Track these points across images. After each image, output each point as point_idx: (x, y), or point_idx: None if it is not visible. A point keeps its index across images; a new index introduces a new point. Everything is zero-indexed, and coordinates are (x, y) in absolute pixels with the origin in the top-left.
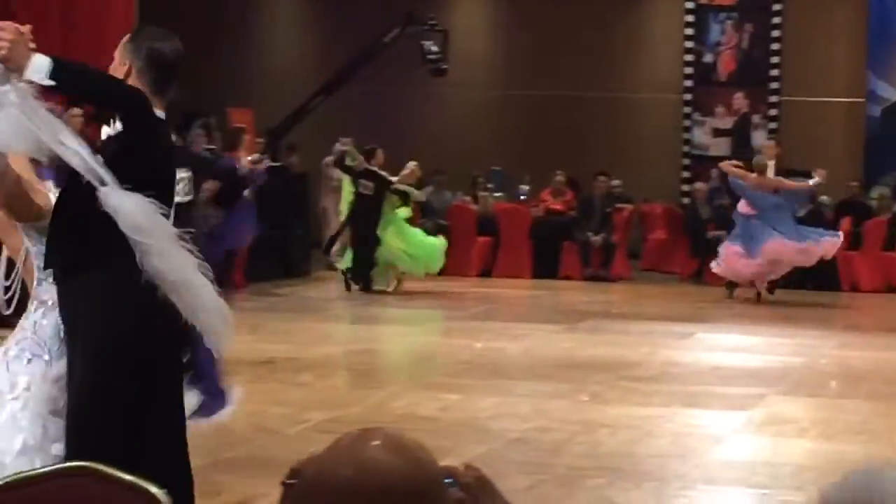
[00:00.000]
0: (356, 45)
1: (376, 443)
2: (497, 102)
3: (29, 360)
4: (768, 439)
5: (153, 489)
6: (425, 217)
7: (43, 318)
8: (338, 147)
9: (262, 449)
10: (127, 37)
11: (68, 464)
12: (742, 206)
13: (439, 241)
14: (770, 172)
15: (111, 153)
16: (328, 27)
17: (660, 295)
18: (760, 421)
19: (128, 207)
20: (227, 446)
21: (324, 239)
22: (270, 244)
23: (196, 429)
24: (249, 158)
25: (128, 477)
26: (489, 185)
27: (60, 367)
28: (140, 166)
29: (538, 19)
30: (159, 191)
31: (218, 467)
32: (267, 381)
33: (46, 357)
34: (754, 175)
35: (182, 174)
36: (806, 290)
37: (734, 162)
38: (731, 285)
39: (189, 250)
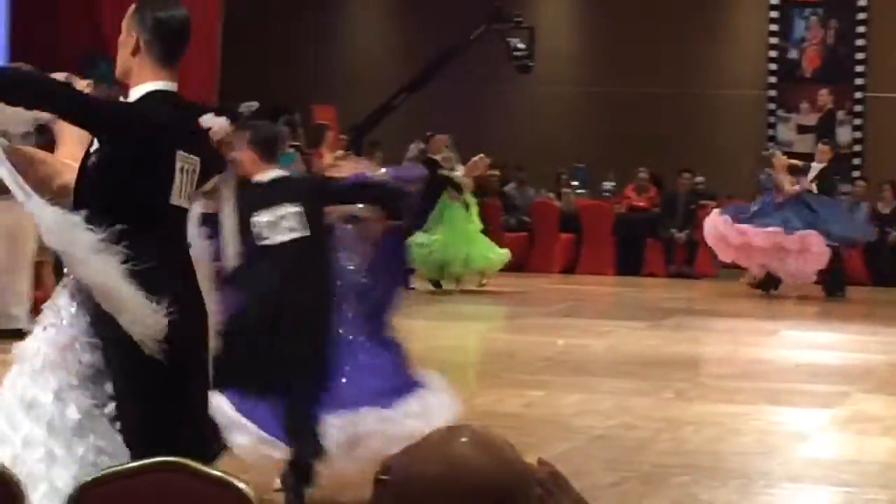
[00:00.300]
0: (440, 42)
1: (464, 439)
2: (581, 99)
3: (45, 328)
4: (853, 437)
5: (241, 485)
6: (508, 214)
7: (63, 289)
8: (413, 147)
9: None
10: (132, 8)
11: (160, 458)
12: None
13: (500, 252)
14: (811, 174)
15: (96, 161)
16: (413, 24)
17: (744, 292)
18: (845, 419)
19: (46, 221)
20: None
21: None
22: None
23: None
24: (333, 155)
25: (216, 472)
26: (573, 182)
27: (66, 335)
28: (119, 161)
29: (622, 16)
30: (152, 177)
31: None
32: None
33: (58, 324)
34: (769, 170)
35: (287, 209)
36: (893, 287)
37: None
38: (767, 284)
39: (116, 257)
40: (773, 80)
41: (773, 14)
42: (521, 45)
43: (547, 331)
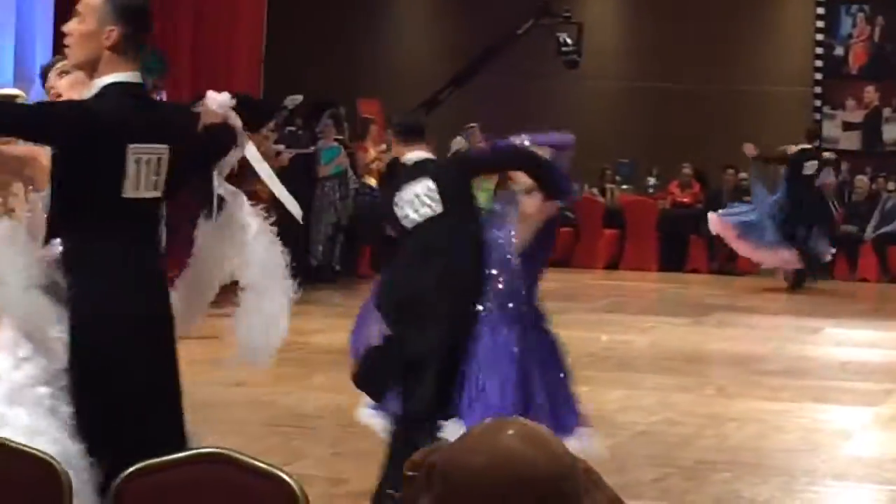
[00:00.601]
0: (486, 39)
1: (511, 432)
2: (626, 95)
3: None
4: None
5: (285, 476)
6: None
7: None
8: (459, 139)
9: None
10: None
11: (204, 450)
12: None
13: None
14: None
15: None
16: (459, 21)
17: (787, 289)
18: (889, 417)
19: None
20: (352, 436)
21: None
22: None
23: (322, 420)
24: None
25: (261, 464)
26: (617, 178)
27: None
28: (64, 159)
29: (668, 13)
30: (98, 173)
31: (344, 457)
32: None
33: None
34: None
35: (422, 185)
36: None
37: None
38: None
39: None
40: (818, 76)
41: (820, 10)
42: (569, 40)
43: (591, 326)
